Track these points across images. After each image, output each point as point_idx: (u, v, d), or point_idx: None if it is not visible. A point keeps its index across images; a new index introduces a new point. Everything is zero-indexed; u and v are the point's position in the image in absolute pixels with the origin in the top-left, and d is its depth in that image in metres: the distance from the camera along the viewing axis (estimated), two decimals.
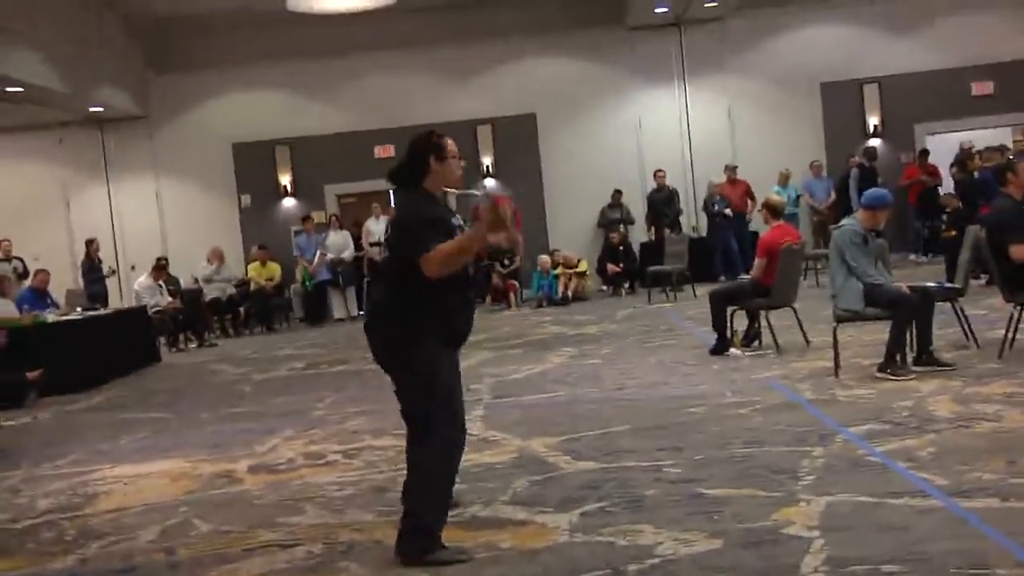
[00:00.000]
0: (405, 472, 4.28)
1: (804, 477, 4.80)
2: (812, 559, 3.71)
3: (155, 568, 4.47)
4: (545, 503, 4.81)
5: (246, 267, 17.71)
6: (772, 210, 8.97)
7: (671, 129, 18.29)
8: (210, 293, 16.65)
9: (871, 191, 7.80)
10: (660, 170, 17.48)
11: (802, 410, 6.35)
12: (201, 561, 4.47)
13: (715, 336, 9.00)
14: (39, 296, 12.47)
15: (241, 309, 17.13)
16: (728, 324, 8.88)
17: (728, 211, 16.59)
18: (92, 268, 16.16)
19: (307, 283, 17.38)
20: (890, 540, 3.84)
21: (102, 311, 13.30)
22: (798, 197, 17.03)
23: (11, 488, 6.38)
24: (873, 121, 18.05)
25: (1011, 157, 10.21)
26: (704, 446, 5.63)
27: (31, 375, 10.14)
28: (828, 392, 6.79)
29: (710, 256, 16.55)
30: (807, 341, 8.77)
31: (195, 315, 15.67)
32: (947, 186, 15.81)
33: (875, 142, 17.80)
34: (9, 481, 6.60)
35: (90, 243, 16.50)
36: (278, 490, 5.65)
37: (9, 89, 14.46)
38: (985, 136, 16.27)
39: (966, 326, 8.07)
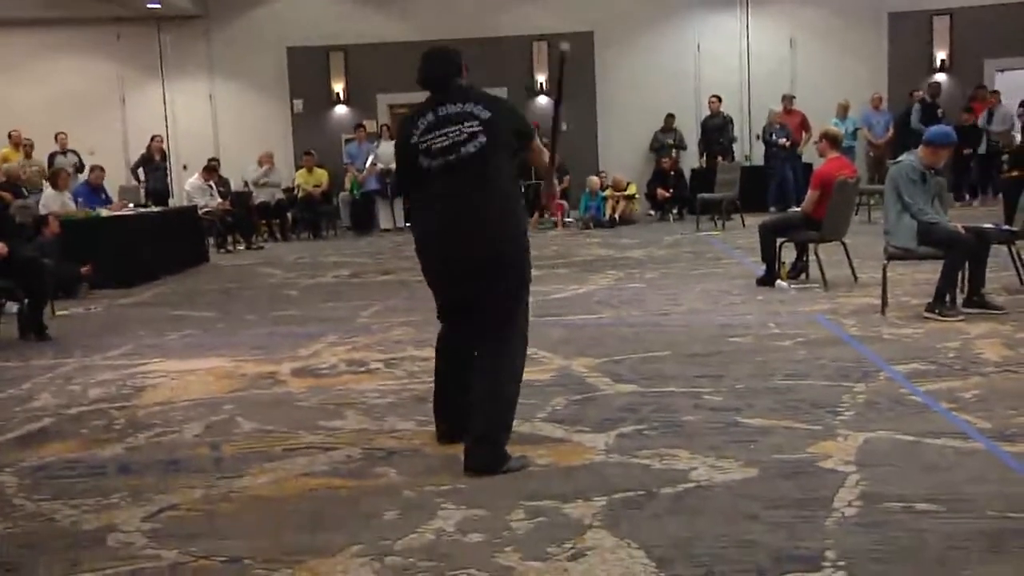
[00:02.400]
0: (484, 384, 4.23)
1: (844, 412, 4.79)
2: (846, 493, 3.72)
3: (199, 462, 4.56)
4: (583, 422, 4.85)
5: (295, 172, 17.78)
6: (831, 141, 8.81)
7: (730, 55, 17.92)
8: (259, 196, 16.79)
9: (934, 128, 7.64)
10: (715, 96, 17.21)
11: (846, 346, 6.31)
12: (244, 458, 4.57)
13: (762, 267, 8.95)
14: (94, 191, 12.62)
15: (288, 214, 17.27)
16: (776, 256, 8.80)
17: (784, 141, 16.32)
18: (153, 165, 16.30)
19: (355, 191, 17.43)
20: (927, 479, 3.83)
21: (154, 208, 13.45)
22: (856, 130, 16.67)
23: (65, 376, 6.53)
24: (941, 55, 17.54)
25: None
26: (745, 376, 5.62)
27: (83, 268, 10.30)
28: (874, 329, 6.73)
29: (762, 185, 16.34)
30: (855, 277, 8.68)
31: (244, 217, 15.81)
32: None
33: (941, 77, 17.36)
34: (63, 368, 6.76)
35: (154, 139, 16.63)
36: (320, 394, 5.73)
37: None
38: None
39: (1022, 270, 7.94)
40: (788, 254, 9.08)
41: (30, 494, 4.17)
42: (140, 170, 16.51)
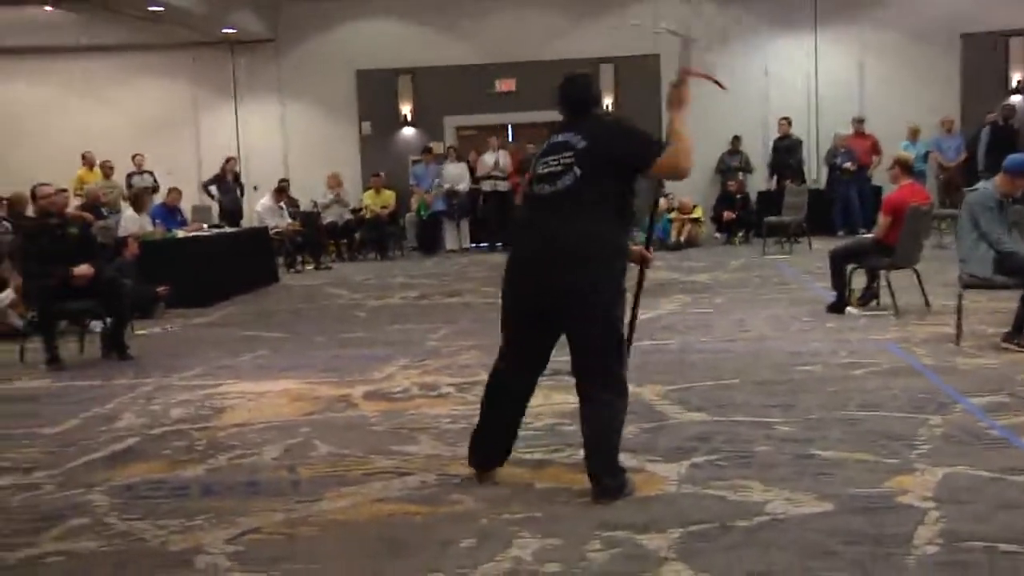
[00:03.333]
0: (592, 433, 4.24)
1: (920, 446, 4.75)
2: (926, 531, 3.69)
3: (278, 484, 4.66)
4: (655, 451, 4.86)
5: (362, 194, 18.01)
6: (903, 167, 8.74)
7: (798, 78, 17.81)
8: (327, 217, 17.04)
9: (1013, 156, 7.49)
10: (784, 118, 17.13)
11: (920, 376, 6.24)
12: (321, 482, 4.65)
13: (832, 293, 8.88)
14: (170, 212, 12.91)
15: (356, 235, 17.50)
16: (847, 282, 8.74)
17: (850, 165, 16.18)
18: (224, 185, 16.63)
19: (422, 212, 17.61)
20: (1009, 518, 3.79)
21: (228, 229, 13.72)
22: (927, 154, 16.46)
23: (146, 395, 6.71)
24: (1017, 77, 17.26)
25: None
26: (817, 406, 5.59)
27: (160, 289, 10.54)
28: (948, 359, 6.65)
29: (829, 209, 16.21)
30: (927, 304, 8.58)
31: (313, 238, 16.06)
32: None
33: (1017, 99, 17.07)
34: (144, 388, 6.94)
35: (228, 160, 16.99)
36: (393, 418, 5.81)
37: (152, 8, 14.87)
38: None
39: None
40: (858, 280, 9.01)
41: (120, 513, 4.29)
42: (213, 187, 16.84)
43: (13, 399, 6.90)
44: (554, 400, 5.72)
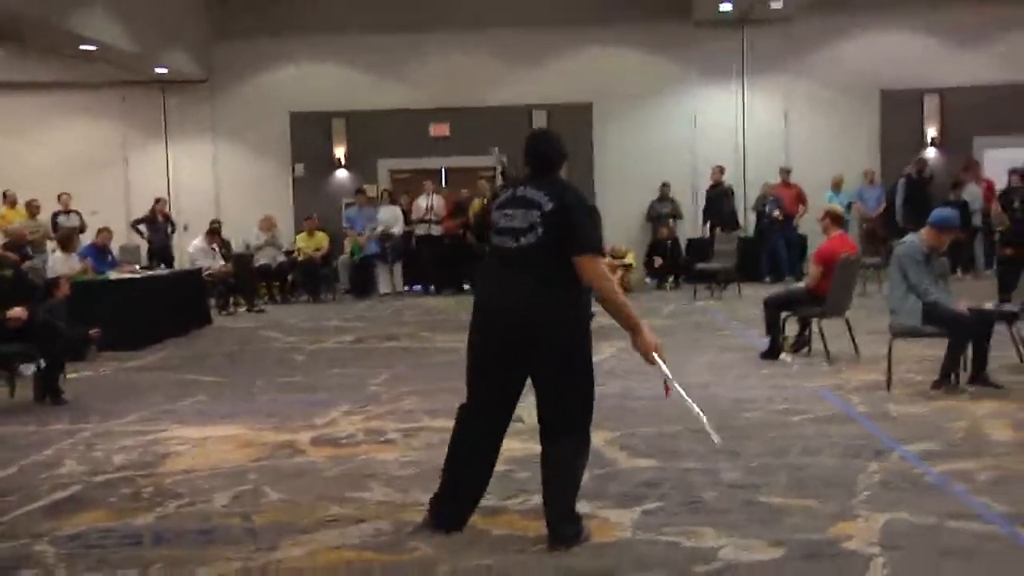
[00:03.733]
0: (548, 472, 4.29)
1: (860, 492, 4.90)
2: None
3: (232, 532, 4.63)
4: (606, 497, 4.94)
5: (295, 236, 17.95)
6: (834, 219, 9.04)
7: (726, 127, 18.32)
8: (260, 259, 16.93)
9: (940, 212, 7.76)
10: (718, 166, 17.54)
11: (855, 423, 6.44)
12: (276, 529, 4.63)
13: (765, 340, 9.10)
14: (101, 252, 12.73)
15: (289, 277, 17.40)
16: (780, 330, 8.97)
17: (777, 214, 16.63)
18: (156, 225, 16.45)
19: (356, 255, 17.59)
20: (955, 564, 3.94)
21: (160, 271, 13.57)
22: (850, 204, 16.99)
23: (86, 441, 6.60)
24: (931, 132, 17.98)
25: None
26: (759, 453, 5.74)
27: (92, 331, 10.38)
28: (881, 406, 6.87)
29: (757, 257, 16.61)
30: (857, 352, 8.83)
31: (245, 280, 15.93)
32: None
33: (931, 153, 17.76)
34: (83, 433, 6.83)
35: (157, 201, 16.83)
36: (342, 464, 5.81)
37: (83, 47, 14.73)
38: None
39: (1021, 349, 8.10)
40: (790, 327, 9.25)
41: (70, 565, 4.23)
42: (142, 226, 16.64)
43: None
44: (508, 446, 5.69)
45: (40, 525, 4.79)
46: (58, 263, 11.37)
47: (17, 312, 7.71)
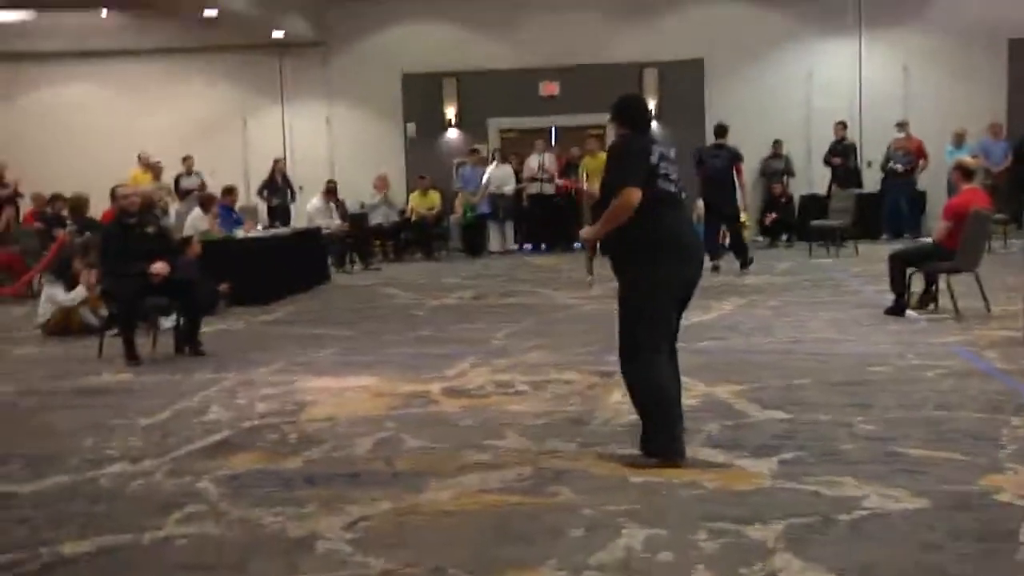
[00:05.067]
0: (627, 396, 4.97)
1: (1007, 446, 4.82)
2: None
3: (379, 476, 4.78)
4: (742, 448, 4.96)
5: (408, 196, 18.19)
6: (964, 172, 8.81)
7: (843, 82, 17.88)
8: (374, 219, 17.22)
9: None
10: (841, 122, 17.20)
11: (992, 378, 6.31)
12: (419, 474, 4.76)
13: (888, 295, 8.95)
14: (228, 212, 13.09)
15: (402, 236, 17.67)
16: (907, 286, 8.80)
17: (902, 167, 16.27)
18: (274, 187, 16.85)
19: (468, 214, 17.75)
20: None
21: (282, 230, 13.91)
22: (973, 158, 16.45)
23: (229, 390, 6.85)
24: None
25: None
26: (894, 406, 5.68)
27: (223, 287, 10.73)
28: (1020, 362, 6.71)
29: (876, 213, 16.27)
30: (988, 308, 8.62)
31: (361, 239, 16.23)
32: None
33: None
34: (225, 383, 7.08)
35: (276, 162, 17.22)
36: (475, 414, 5.93)
37: (208, 12, 15.09)
38: None
39: None
40: (916, 284, 9.06)
41: (232, 501, 4.44)
42: (265, 192, 17.07)
43: (101, 392, 7.06)
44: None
45: (200, 465, 5.02)
46: (196, 222, 11.73)
47: (160, 267, 8.00)
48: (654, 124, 17.54)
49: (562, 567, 3.56)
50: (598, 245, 5.05)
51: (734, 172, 13.06)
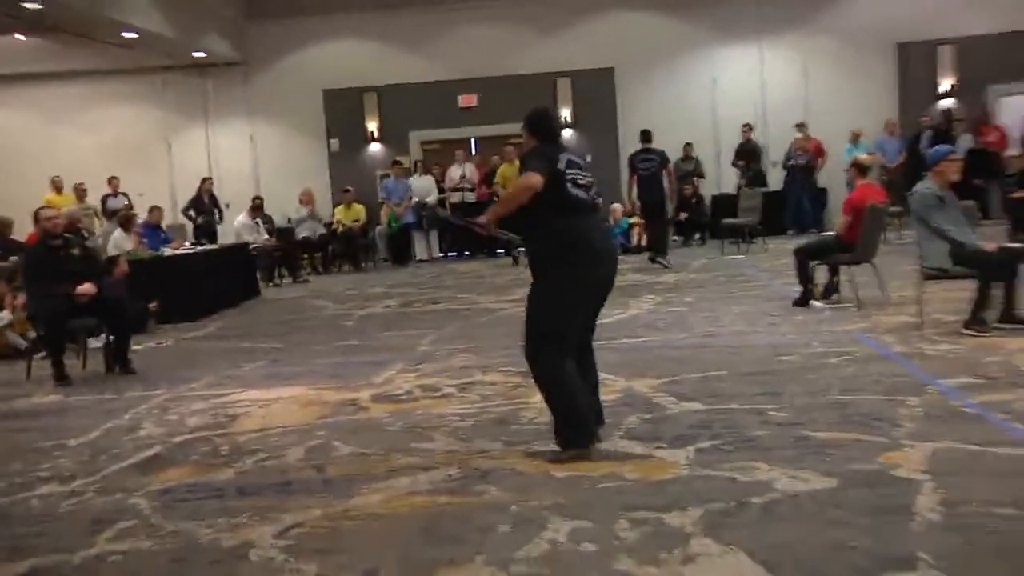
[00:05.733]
0: (541, 394, 4.95)
1: (904, 424, 4.96)
2: (926, 500, 3.88)
3: (310, 483, 4.74)
4: (660, 439, 5.01)
5: (333, 209, 18.06)
6: (860, 169, 9.03)
7: (746, 87, 18.17)
8: (301, 232, 17.06)
9: (932, 149, 7.85)
10: (747, 124, 17.51)
11: (891, 362, 6.47)
12: (350, 479, 4.74)
13: (795, 288, 9.13)
14: (154, 231, 12.87)
15: (329, 248, 17.54)
16: (811, 278, 8.99)
17: (804, 161, 16.66)
18: (201, 206, 16.59)
19: (392, 225, 17.69)
20: (1000, 485, 3.99)
21: (210, 246, 13.71)
22: (868, 155, 16.87)
23: (160, 406, 6.74)
24: (947, 82, 17.77)
25: None
26: (802, 392, 5.79)
27: (151, 305, 10.54)
28: (915, 346, 6.90)
29: (780, 211, 16.59)
30: (886, 296, 8.84)
31: (289, 252, 16.08)
32: None
33: (947, 103, 17.57)
34: (156, 399, 6.97)
35: (204, 181, 16.96)
36: (404, 418, 5.91)
37: (126, 35, 14.81)
38: None
39: None
40: (820, 276, 9.25)
41: (165, 515, 4.37)
42: (191, 211, 16.81)
43: (31, 414, 6.90)
44: None
45: (131, 481, 4.94)
46: (119, 241, 11.51)
47: (86, 288, 7.85)
48: (566, 133, 17.84)
49: (490, 563, 3.57)
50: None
51: (663, 173, 13.41)
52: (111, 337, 8.18)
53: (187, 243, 13.70)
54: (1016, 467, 4.22)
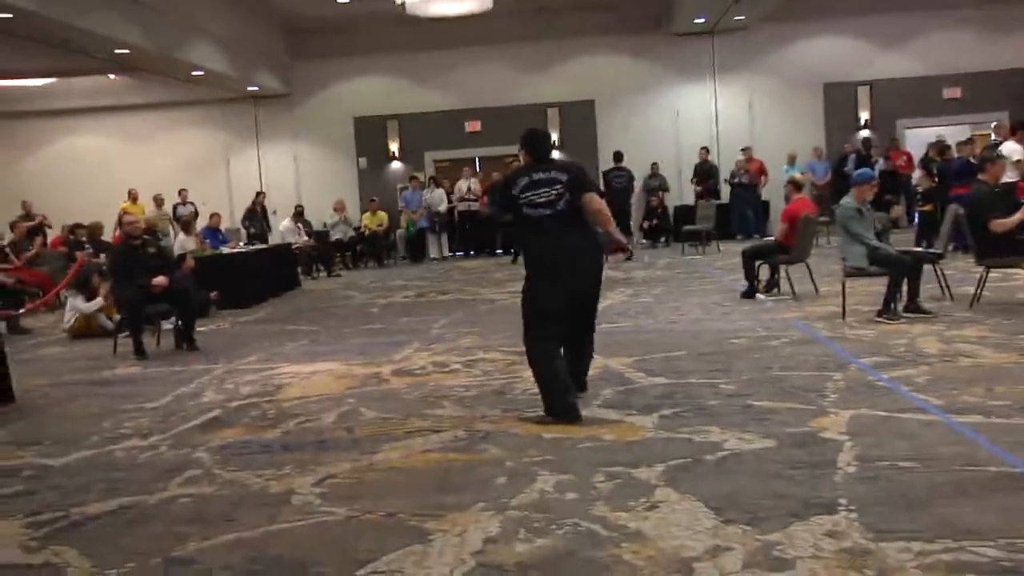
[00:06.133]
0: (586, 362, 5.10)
1: (830, 395, 4.97)
2: (846, 456, 3.89)
3: (342, 442, 4.73)
4: (631, 408, 5.01)
5: (361, 215, 18.03)
6: (795, 185, 9.02)
7: (702, 117, 18.17)
8: (334, 235, 17.03)
9: (858, 171, 7.91)
10: (704, 147, 17.48)
11: (820, 344, 6.48)
12: (374, 438, 4.73)
13: (744, 284, 9.13)
14: (214, 233, 12.84)
15: (357, 248, 17.51)
16: (755, 275, 8.99)
17: (746, 180, 16.65)
18: (254, 216, 16.55)
19: (410, 229, 17.66)
20: (905, 444, 4.01)
21: (260, 246, 13.69)
22: (801, 175, 16.85)
23: (219, 377, 6.73)
24: (864, 116, 17.82)
25: (994, 149, 10.00)
26: (748, 369, 5.79)
27: (212, 295, 10.52)
28: (839, 331, 6.90)
29: (730, 219, 16.59)
30: (817, 290, 8.85)
31: (324, 252, 16.05)
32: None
33: (864, 133, 17.62)
34: (216, 372, 6.96)
35: (258, 195, 16.92)
36: (419, 389, 5.90)
37: (194, 73, 14.75)
38: (951, 131, 16.04)
39: (944, 283, 8.11)
40: (763, 273, 9.27)
41: (223, 466, 4.37)
42: (246, 221, 16.78)
43: (116, 383, 6.88)
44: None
45: (196, 438, 4.94)
46: (184, 242, 11.49)
47: (160, 281, 7.83)
48: (556, 153, 17.84)
49: (489, 508, 3.57)
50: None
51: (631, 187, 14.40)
52: (180, 320, 8.16)
53: (241, 244, 13.65)
54: (917, 429, 4.24)
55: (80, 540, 3.50)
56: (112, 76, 16.79)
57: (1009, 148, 9.92)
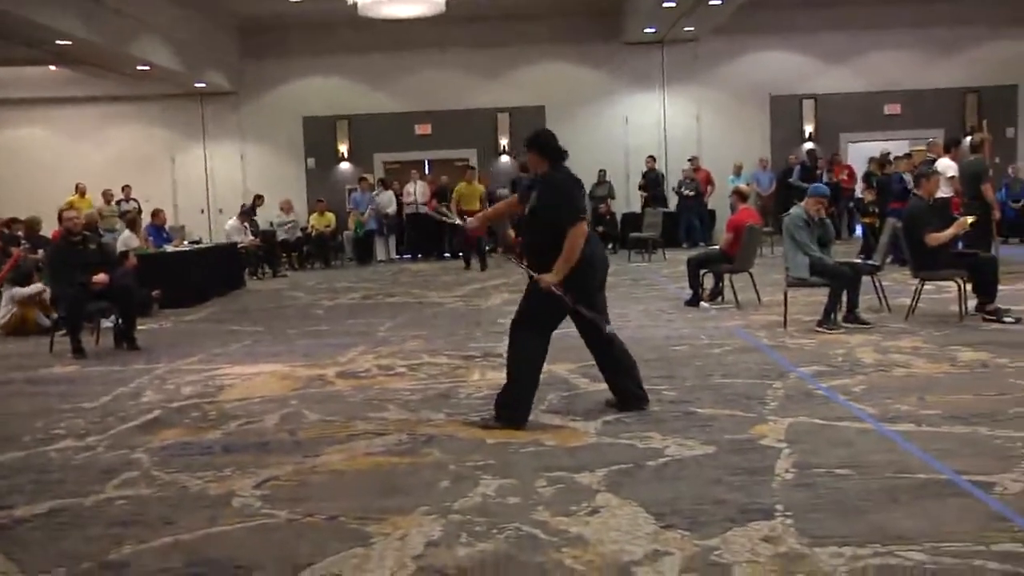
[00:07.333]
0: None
1: (769, 403, 5.06)
2: (783, 463, 3.97)
3: (284, 444, 4.68)
4: (574, 413, 5.04)
5: (308, 216, 17.85)
6: (741, 196, 9.18)
7: (651, 126, 18.37)
8: (281, 235, 16.82)
9: (814, 185, 8.06)
10: (651, 156, 17.66)
11: (761, 353, 6.60)
12: (317, 441, 4.69)
13: (688, 292, 9.24)
14: (158, 231, 12.60)
15: (304, 248, 17.32)
16: (700, 283, 9.11)
17: (691, 192, 16.86)
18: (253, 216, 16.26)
19: (358, 230, 17.53)
20: (840, 451, 4.11)
21: (204, 244, 13.46)
22: (747, 185, 17.15)
23: (160, 377, 6.60)
24: (808, 129, 18.22)
25: (930, 165, 10.29)
26: (691, 376, 5.88)
27: (154, 292, 10.32)
28: (780, 340, 7.03)
29: (676, 227, 16.80)
30: (759, 299, 9.00)
31: (270, 251, 15.85)
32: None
33: (809, 146, 18.01)
34: (156, 371, 6.82)
35: (257, 197, 16.83)
36: (363, 392, 5.85)
37: (140, 68, 14.45)
38: (891, 146, 16.46)
39: (881, 294, 8.32)
40: (708, 282, 9.39)
41: (162, 468, 4.29)
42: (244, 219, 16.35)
43: (53, 382, 6.70)
44: (488, 377, 5.92)
45: (135, 439, 4.83)
46: (128, 239, 11.25)
47: (101, 277, 7.66)
48: (503, 159, 17.95)
49: (432, 512, 3.57)
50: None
51: None
52: (120, 319, 7.99)
53: (186, 242, 13.41)
54: (853, 437, 4.34)
55: (7, 544, 3.40)
56: (53, 68, 16.36)
57: (944, 164, 10.21)
